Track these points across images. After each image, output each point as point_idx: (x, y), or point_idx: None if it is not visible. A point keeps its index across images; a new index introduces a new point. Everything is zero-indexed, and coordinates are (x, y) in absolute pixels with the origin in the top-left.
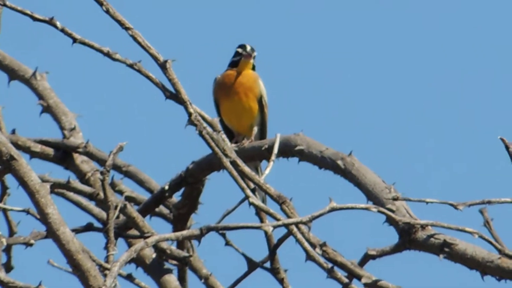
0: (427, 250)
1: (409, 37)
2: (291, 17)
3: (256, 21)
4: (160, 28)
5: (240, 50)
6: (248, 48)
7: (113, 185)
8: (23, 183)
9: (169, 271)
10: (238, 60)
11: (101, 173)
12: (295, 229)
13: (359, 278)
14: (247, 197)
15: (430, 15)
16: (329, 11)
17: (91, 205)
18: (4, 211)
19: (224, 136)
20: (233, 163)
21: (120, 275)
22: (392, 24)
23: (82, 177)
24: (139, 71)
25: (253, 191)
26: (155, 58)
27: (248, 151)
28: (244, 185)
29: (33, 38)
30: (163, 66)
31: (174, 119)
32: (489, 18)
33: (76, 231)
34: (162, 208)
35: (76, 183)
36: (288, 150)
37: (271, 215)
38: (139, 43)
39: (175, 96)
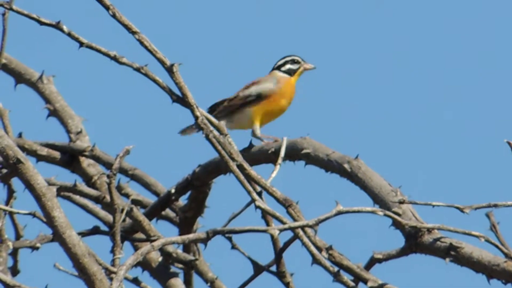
0: (433, 253)
1: (416, 41)
2: (296, 20)
3: (263, 24)
4: (167, 32)
5: (295, 60)
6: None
7: (119, 188)
8: (29, 186)
9: (175, 274)
10: (295, 69)
11: (108, 176)
12: (301, 233)
13: (365, 281)
14: (253, 200)
15: (435, 18)
16: (336, 13)
17: (97, 208)
18: (11, 214)
19: (230, 139)
20: (240, 166)
21: (126, 278)
22: (400, 28)
23: (88, 180)
24: (145, 74)
25: (259, 194)
26: (162, 62)
27: (254, 154)
28: (250, 188)
29: (40, 42)
30: (169, 69)
31: (180, 123)
32: (493, 19)
33: (82, 234)
34: (168, 212)
35: (82, 186)
36: (294, 153)
37: (277, 218)
38: (145, 47)
39: (181, 100)
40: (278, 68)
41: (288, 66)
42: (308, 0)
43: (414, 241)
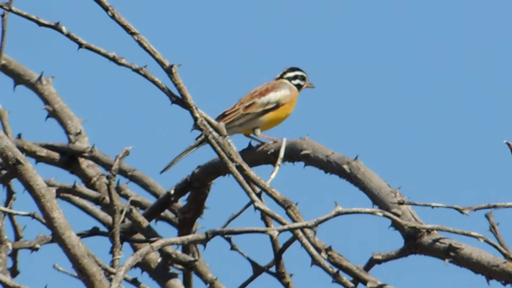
0: (433, 254)
1: (416, 41)
2: (295, 20)
3: (261, 25)
4: (166, 33)
5: (304, 76)
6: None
7: (118, 190)
8: (29, 187)
9: (174, 275)
10: (302, 85)
11: (107, 177)
12: (300, 234)
13: (364, 282)
14: (252, 201)
15: (435, 18)
16: (333, 13)
17: (96, 209)
18: (10, 215)
19: (230, 140)
20: (239, 167)
21: (125, 279)
22: (400, 29)
23: (87, 181)
24: (145, 76)
25: (258, 195)
26: (161, 63)
27: (254, 155)
28: (249, 189)
29: (39, 43)
30: (169, 71)
31: (180, 124)
32: (491, 18)
33: (82, 235)
34: (167, 213)
35: (81, 188)
36: (294, 154)
37: (276, 219)
38: (145, 48)
39: (181, 101)
40: (288, 79)
41: (297, 81)
42: (306, 0)
43: (414, 242)
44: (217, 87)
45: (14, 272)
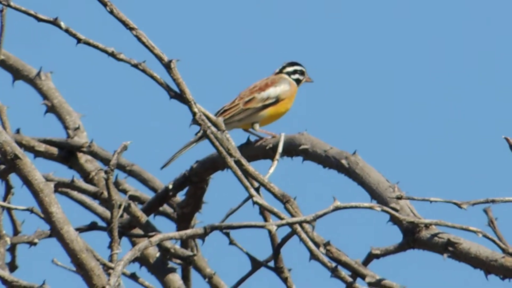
0: (431, 249)
1: (413, 36)
2: (294, 17)
3: (259, 20)
4: (164, 28)
5: (303, 71)
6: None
7: (117, 184)
8: (27, 182)
9: (173, 270)
10: (301, 80)
11: (105, 172)
12: (299, 228)
13: (363, 277)
14: (251, 196)
15: (434, 16)
16: (333, 8)
17: (95, 204)
18: (9, 210)
19: (228, 135)
20: (237, 162)
21: (124, 274)
22: (397, 24)
23: (86, 176)
24: (143, 71)
25: (257, 190)
26: (160, 58)
27: (252, 150)
28: (248, 184)
29: (38, 38)
30: (167, 66)
31: (178, 119)
32: (491, 18)
33: (80, 230)
34: (166, 207)
35: (80, 182)
36: (292, 149)
37: (275, 214)
38: (143, 43)
39: (179, 96)
40: (288, 74)
41: (297, 76)
42: None
43: (412, 237)
44: (215, 82)
45: (12, 266)
